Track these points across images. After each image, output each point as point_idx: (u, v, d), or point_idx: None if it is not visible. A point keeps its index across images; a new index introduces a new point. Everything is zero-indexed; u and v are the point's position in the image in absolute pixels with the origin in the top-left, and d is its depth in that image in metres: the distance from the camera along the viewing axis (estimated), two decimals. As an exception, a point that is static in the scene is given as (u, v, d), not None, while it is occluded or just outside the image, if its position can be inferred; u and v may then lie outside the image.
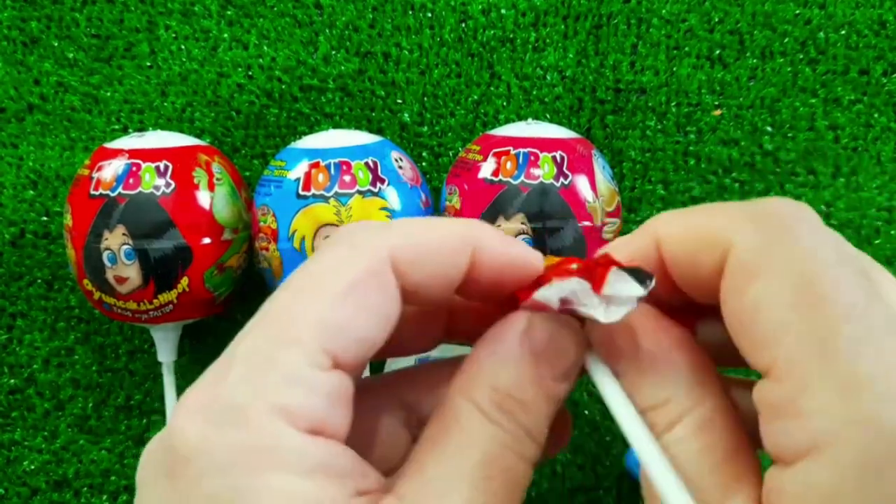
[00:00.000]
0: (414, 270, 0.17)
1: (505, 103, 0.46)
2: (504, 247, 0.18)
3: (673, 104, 0.45)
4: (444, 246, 0.17)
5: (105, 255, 0.37)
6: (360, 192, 0.37)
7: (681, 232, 0.18)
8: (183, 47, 0.47)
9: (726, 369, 0.20)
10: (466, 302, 0.20)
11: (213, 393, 0.15)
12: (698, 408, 0.17)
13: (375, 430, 0.20)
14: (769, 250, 0.15)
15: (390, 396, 0.20)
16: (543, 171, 0.37)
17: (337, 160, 0.37)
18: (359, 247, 0.17)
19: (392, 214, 0.37)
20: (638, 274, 0.16)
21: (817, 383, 0.14)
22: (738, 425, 0.17)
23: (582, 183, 0.37)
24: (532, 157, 0.37)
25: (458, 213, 0.38)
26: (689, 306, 0.19)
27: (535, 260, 0.18)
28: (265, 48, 0.47)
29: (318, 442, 0.15)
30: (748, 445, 0.17)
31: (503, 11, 0.46)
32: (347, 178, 0.37)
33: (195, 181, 0.38)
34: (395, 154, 0.39)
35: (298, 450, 0.15)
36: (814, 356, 0.14)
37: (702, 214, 0.18)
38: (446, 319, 0.21)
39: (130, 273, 0.37)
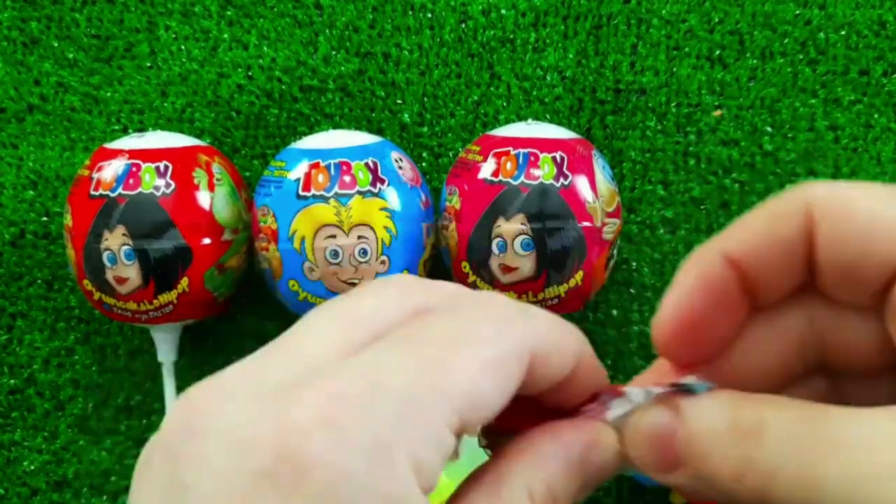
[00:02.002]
0: (539, 367, 0.16)
1: (505, 104, 0.46)
2: (597, 362, 0.18)
3: (673, 104, 0.45)
4: (565, 348, 0.17)
5: (105, 255, 0.37)
6: (360, 193, 0.37)
7: (748, 223, 0.18)
8: (183, 47, 0.47)
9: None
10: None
11: (358, 417, 0.13)
12: (767, 407, 0.17)
13: None
14: (850, 189, 0.15)
15: None
16: (543, 172, 0.37)
17: (337, 160, 0.37)
18: (511, 323, 0.16)
19: (392, 215, 0.37)
20: (699, 386, 0.17)
21: None
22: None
23: (582, 183, 0.37)
24: (532, 158, 0.37)
25: (457, 213, 0.38)
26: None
27: (604, 375, 0.19)
28: (265, 48, 0.47)
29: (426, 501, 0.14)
30: None
31: (503, 12, 0.46)
32: (347, 178, 0.37)
33: (195, 181, 0.38)
34: (395, 154, 0.39)
35: None
36: None
37: (765, 215, 0.17)
38: None
39: (130, 273, 0.37)
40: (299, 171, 0.37)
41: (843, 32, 0.45)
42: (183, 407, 0.14)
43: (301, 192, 0.37)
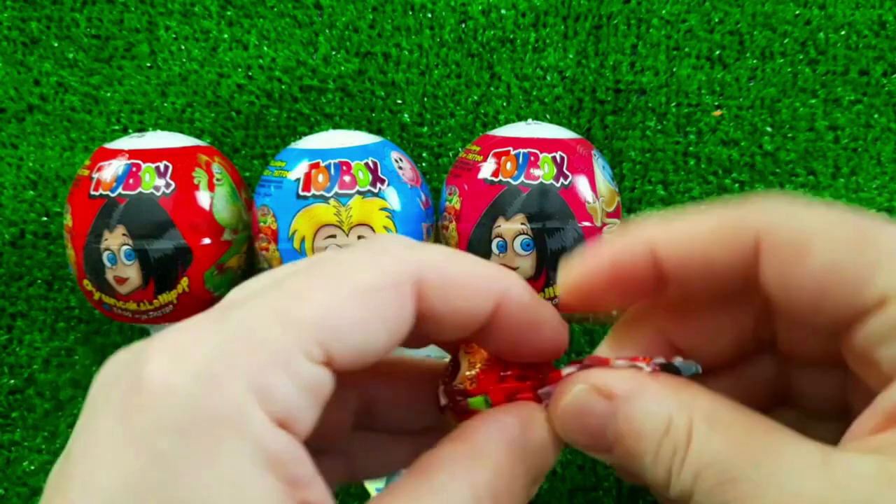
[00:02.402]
0: (436, 297, 0.16)
1: (505, 104, 0.46)
2: (533, 305, 0.17)
3: (673, 104, 0.45)
4: (472, 283, 0.16)
5: (105, 255, 0.37)
6: (360, 193, 0.37)
7: (697, 234, 0.17)
8: (183, 48, 0.47)
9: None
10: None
11: (198, 343, 0.14)
12: (699, 405, 0.16)
13: (332, 415, 0.19)
14: (806, 221, 0.15)
15: (356, 385, 0.20)
16: (543, 172, 0.37)
17: (337, 160, 0.37)
18: (389, 254, 0.16)
19: (392, 215, 0.37)
20: (686, 368, 0.17)
21: None
22: (742, 407, 0.17)
23: (582, 183, 0.37)
24: (532, 158, 0.37)
25: (457, 213, 0.38)
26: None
27: (563, 329, 0.18)
28: (265, 48, 0.47)
29: (281, 436, 0.14)
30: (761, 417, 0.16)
31: (503, 12, 0.46)
32: (347, 178, 0.37)
33: (195, 181, 0.38)
34: (395, 154, 0.39)
35: (260, 437, 0.13)
36: None
37: (707, 217, 0.17)
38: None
39: (130, 273, 0.37)
40: (299, 171, 0.37)
41: (843, 32, 0.45)
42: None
43: (301, 192, 0.37)
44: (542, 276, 0.37)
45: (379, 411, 0.20)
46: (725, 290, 0.17)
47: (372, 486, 0.40)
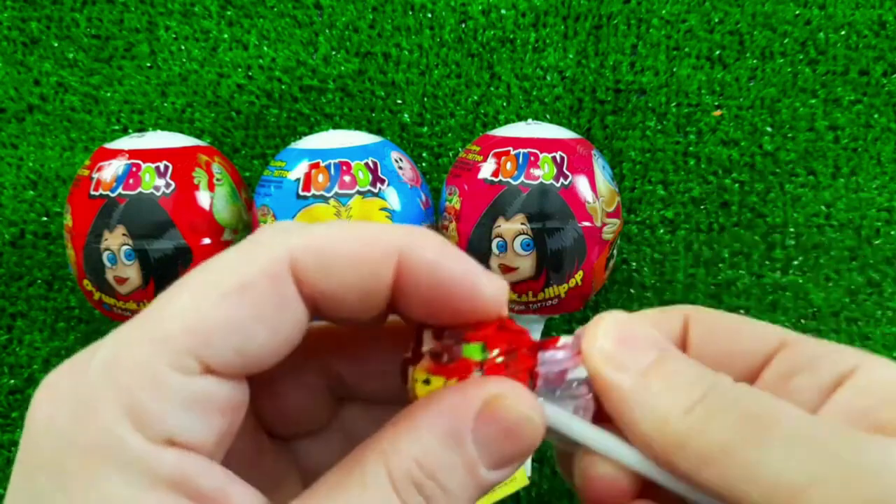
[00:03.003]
0: (319, 277, 0.15)
1: (505, 103, 0.46)
2: (443, 260, 0.15)
3: (673, 104, 0.45)
4: (357, 252, 0.15)
5: (105, 255, 0.37)
6: (360, 193, 0.37)
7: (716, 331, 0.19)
8: (183, 48, 0.47)
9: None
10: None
11: (75, 376, 0.14)
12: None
13: (300, 400, 0.19)
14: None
15: (314, 362, 0.19)
16: (543, 172, 0.37)
17: (337, 160, 0.37)
18: (259, 245, 0.15)
19: (392, 214, 0.37)
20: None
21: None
22: None
23: (582, 183, 0.37)
24: (532, 158, 0.37)
25: (457, 214, 0.38)
26: None
27: (487, 284, 0.16)
28: (265, 48, 0.47)
29: (170, 454, 0.13)
30: None
31: (503, 12, 0.46)
32: (347, 178, 0.37)
33: (195, 181, 0.38)
34: (395, 154, 0.39)
35: (139, 458, 0.13)
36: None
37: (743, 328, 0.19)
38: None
39: (130, 273, 0.37)
40: (299, 171, 0.37)
41: (843, 32, 0.45)
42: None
43: (301, 192, 0.37)
44: (542, 276, 0.37)
45: (355, 383, 0.19)
46: None
47: None
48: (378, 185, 0.37)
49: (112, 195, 0.37)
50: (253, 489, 0.14)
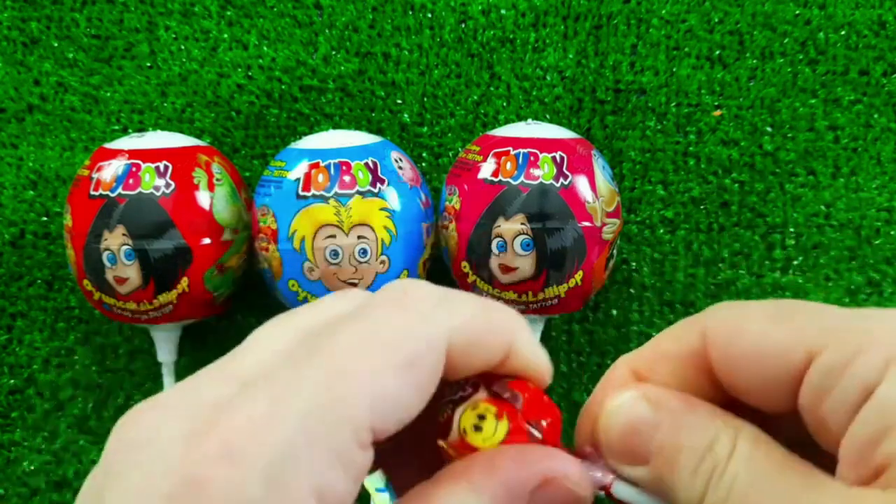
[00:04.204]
0: (462, 355, 0.16)
1: (505, 103, 0.46)
2: (534, 353, 0.18)
3: (673, 104, 0.45)
4: (491, 340, 0.16)
5: (105, 255, 0.37)
6: (359, 193, 0.37)
7: (747, 341, 0.17)
8: (183, 47, 0.47)
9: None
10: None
11: (258, 439, 0.13)
12: (744, 428, 0.16)
13: None
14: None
15: None
16: (543, 172, 0.37)
17: (337, 160, 0.37)
18: (422, 315, 0.15)
19: (392, 214, 0.37)
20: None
21: None
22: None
23: (582, 183, 0.37)
24: (532, 158, 0.37)
25: (457, 213, 0.38)
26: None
27: (548, 374, 0.18)
28: (265, 48, 0.47)
29: None
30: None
31: (503, 12, 0.46)
32: (347, 178, 0.37)
33: (195, 181, 0.38)
34: (394, 154, 0.39)
35: None
36: None
37: (770, 324, 0.17)
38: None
39: (130, 273, 0.37)
40: (299, 171, 0.37)
41: (843, 32, 0.45)
42: (120, 425, 0.15)
43: (301, 192, 0.37)
44: (542, 276, 0.37)
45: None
46: (696, 383, 0.18)
47: (371, 485, 0.40)
48: (378, 185, 0.37)
49: (112, 195, 0.37)
50: None
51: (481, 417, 0.17)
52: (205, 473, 0.13)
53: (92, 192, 0.37)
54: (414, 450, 0.19)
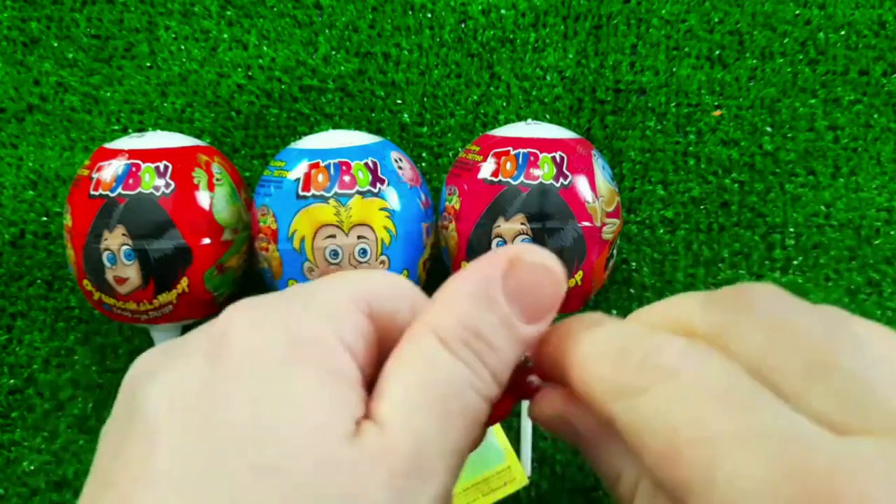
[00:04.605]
0: (382, 316, 0.19)
1: (505, 103, 0.46)
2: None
3: (673, 104, 0.45)
4: (401, 296, 0.19)
5: (105, 255, 0.37)
6: (359, 193, 0.37)
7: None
8: (183, 47, 0.47)
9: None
10: None
11: (284, 317, 0.17)
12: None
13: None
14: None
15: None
16: (543, 172, 0.37)
17: (337, 160, 0.37)
18: (349, 276, 0.19)
19: (392, 214, 0.37)
20: None
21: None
22: None
23: (582, 183, 0.37)
24: (532, 158, 0.37)
25: (457, 214, 0.38)
26: None
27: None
28: (265, 48, 0.47)
29: (349, 358, 0.17)
30: None
31: (503, 12, 0.46)
32: (347, 178, 0.37)
33: (195, 181, 0.38)
34: (394, 154, 0.39)
35: (336, 352, 0.16)
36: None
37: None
38: None
39: (130, 273, 0.37)
40: (299, 171, 0.37)
41: (843, 32, 0.45)
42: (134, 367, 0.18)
43: (301, 192, 0.37)
44: (542, 276, 0.37)
45: None
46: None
47: None
48: (378, 185, 0.37)
49: (112, 195, 0.37)
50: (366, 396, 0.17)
51: None
52: (230, 333, 0.17)
53: (92, 192, 0.37)
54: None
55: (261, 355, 0.16)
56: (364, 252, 0.37)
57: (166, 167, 0.38)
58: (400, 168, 0.39)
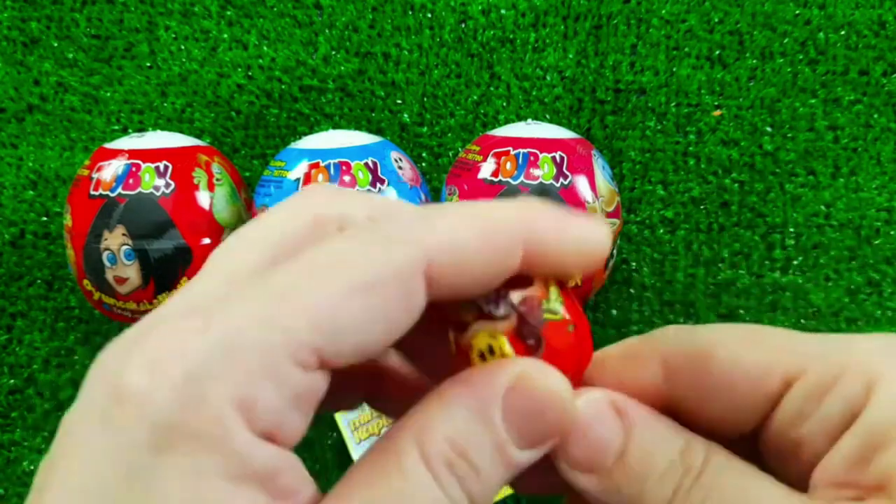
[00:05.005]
0: (451, 275, 0.14)
1: (505, 103, 0.46)
2: (562, 229, 0.16)
3: (673, 104, 0.45)
4: (491, 245, 0.15)
5: (105, 255, 0.37)
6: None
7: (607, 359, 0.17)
8: (183, 47, 0.47)
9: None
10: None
11: (181, 351, 0.13)
12: (715, 443, 0.16)
13: (356, 382, 0.19)
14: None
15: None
16: (543, 172, 0.37)
17: (337, 160, 0.37)
18: (391, 238, 0.14)
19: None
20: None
21: None
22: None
23: (582, 183, 0.37)
24: (532, 158, 0.37)
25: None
26: None
27: (601, 238, 0.16)
28: (265, 48, 0.47)
29: (267, 449, 0.13)
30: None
31: (503, 12, 0.46)
32: (347, 178, 0.37)
33: (195, 181, 0.38)
34: (394, 154, 0.39)
35: (242, 454, 0.13)
36: None
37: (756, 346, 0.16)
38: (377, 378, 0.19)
39: (130, 273, 0.37)
40: (299, 171, 0.37)
41: (843, 32, 0.45)
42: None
43: (301, 192, 0.37)
44: (542, 276, 0.37)
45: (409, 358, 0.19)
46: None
47: (340, 418, 0.40)
48: (378, 184, 0.37)
49: (112, 195, 0.37)
50: (316, 488, 0.14)
51: (491, 351, 0.16)
52: (125, 382, 0.13)
53: (92, 192, 0.37)
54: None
55: (142, 451, 0.13)
56: (364, 252, 0.37)
57: (166, 167, 0.38)
58: (400, 168, 0.39)
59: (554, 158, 0.37)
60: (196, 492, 0.13)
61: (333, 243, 0.14)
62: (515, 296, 0.15)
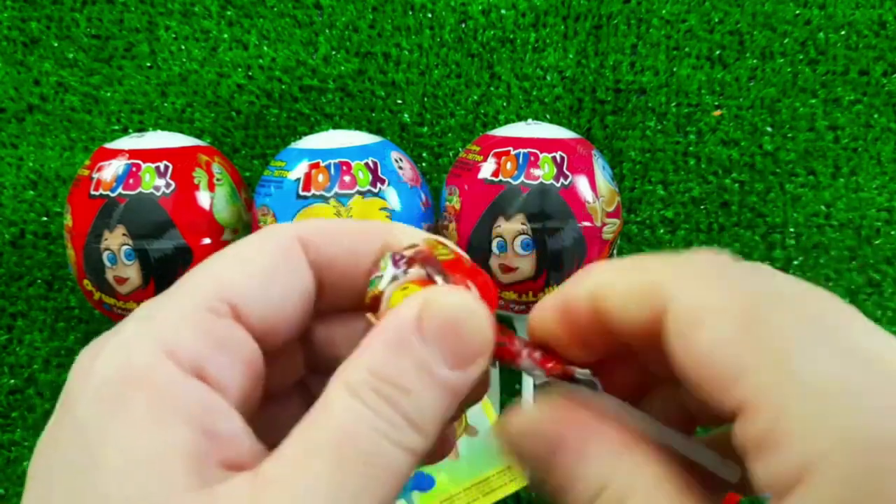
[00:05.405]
0: (324, 245, 0.18)
1: (505, 103, 0.46)
2: (410, 232, 0.19)
3: (673, 104, 0.45)
4: (353, 229, 0.18)
5: (105, 255, 0.37)
6: (360, 193, 0.37)
7: (620, 288, 0.18)
8: (183, 47, 0.47)
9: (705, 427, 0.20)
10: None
11: (113, 334, 0.16)
12: (646, 468, 0.16)
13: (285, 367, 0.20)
14: (707, 297, 0.15)
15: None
16: (543, 172, 0.37)
17: (337, 160, 0.37)
18: (272, 228, 0.18)
19: (392, 214, 0.37)
20: (591, 383, 0.18)
21: (789, 405, 0.13)
22: (689, 482, 0.16)
23: (582, 183, 0.37)
24: (532, 158, 0.37)
25: (457, 214, 0.38)
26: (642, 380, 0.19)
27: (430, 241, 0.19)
28: (265, 48, 0.47)
29: (195, 385, 0.15)
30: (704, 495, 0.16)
31: (503, 12, 0.46)
32: (347, 178, 0.37)
33: (195, 181, 0.38)
34: (395, 154, 0.39)
35: (168, 387, 0.14)
36: (775, 380, 0.14)
37: (636, 271, 0.17)
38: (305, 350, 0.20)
39: (130, 273, 0.37)
40: (299, 171, 0.37)
41: (843, 32, 0.45)
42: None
43: (301, 192, 0.37)
44: (543, 276, 0.37)
45: (328, 294, 0.20)
46: (642, 341, 0.18)
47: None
48: (378, 185, 0.37)
49: (112, 195, 0.37)
50: (255, 441, 0.16)
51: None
52: (78, 365, 0.15)
53: (92, 192, 0.37)
54: None
55: (84, 406, 0.14)
56: (364, 252, 0.37)
57: (166, 167, 0.38)
58: (400, 168, 0.39)
59: (554, 158, 0.37)
60: (128, 423, 0.14)
61: (225, 248, 0.18)
62: (408, 252, 0.18)
